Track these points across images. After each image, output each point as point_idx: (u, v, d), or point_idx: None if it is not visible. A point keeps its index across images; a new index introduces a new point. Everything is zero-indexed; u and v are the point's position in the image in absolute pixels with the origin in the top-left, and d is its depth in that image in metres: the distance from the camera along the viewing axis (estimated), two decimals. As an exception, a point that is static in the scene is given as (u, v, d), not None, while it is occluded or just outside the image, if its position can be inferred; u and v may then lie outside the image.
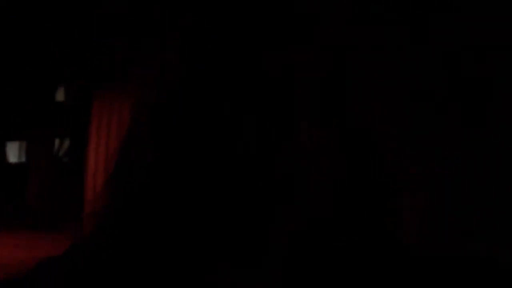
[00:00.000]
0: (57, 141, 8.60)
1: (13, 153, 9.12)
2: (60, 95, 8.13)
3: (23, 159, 9.08)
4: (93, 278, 0.69)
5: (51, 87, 7.26)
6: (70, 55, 5.76)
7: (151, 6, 5.45)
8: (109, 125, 6.37)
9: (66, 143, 8.55)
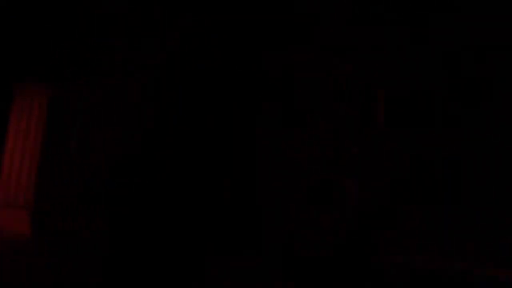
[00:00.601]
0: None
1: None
2: None
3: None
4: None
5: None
6: (69, 54, 5.77)
7: (151, 6, 5.46)
8: (28, 123, 6.32)
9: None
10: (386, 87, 5.37)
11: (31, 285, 3.79)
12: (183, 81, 5.31)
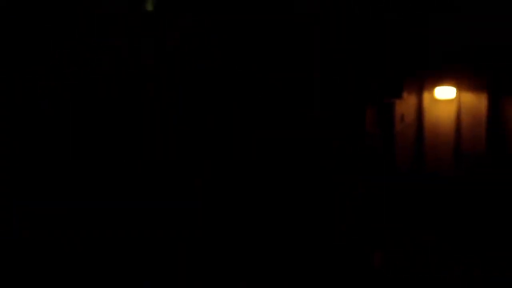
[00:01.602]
0: None
1: None
2: None
3: None
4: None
5: None
6: (70, 55, 5.76)
7: (151, 6, 5.45)
8: None
9: None
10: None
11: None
12: (183, 81, 5.30)
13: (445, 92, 5.83)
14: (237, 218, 5.29)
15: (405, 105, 5.91)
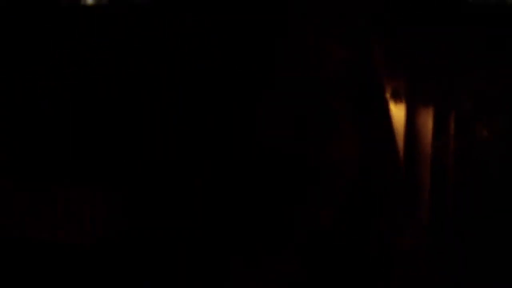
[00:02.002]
0: None
1: None
2: None
3: None
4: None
5: None
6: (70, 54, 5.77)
7: (151, 6, 5.45)
8: None
9: None
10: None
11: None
12: (183, 81, 5.31)
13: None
14: (237, 218, 5.30)
15: None
